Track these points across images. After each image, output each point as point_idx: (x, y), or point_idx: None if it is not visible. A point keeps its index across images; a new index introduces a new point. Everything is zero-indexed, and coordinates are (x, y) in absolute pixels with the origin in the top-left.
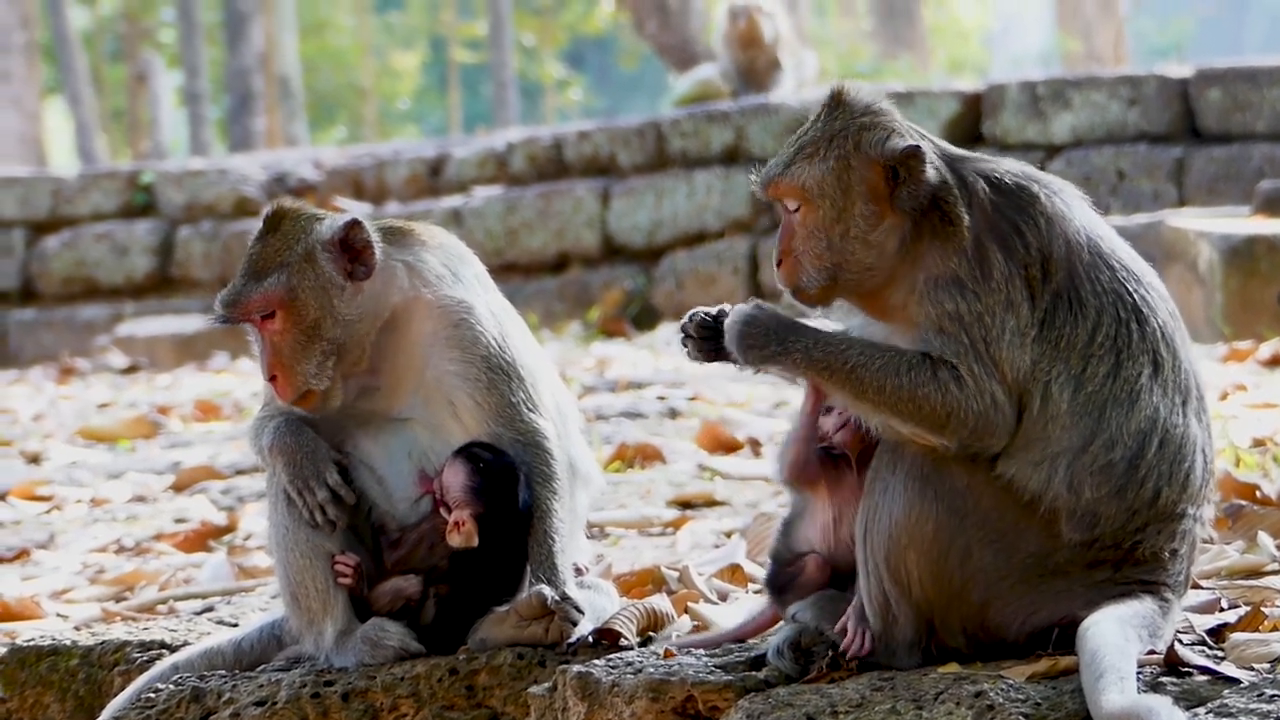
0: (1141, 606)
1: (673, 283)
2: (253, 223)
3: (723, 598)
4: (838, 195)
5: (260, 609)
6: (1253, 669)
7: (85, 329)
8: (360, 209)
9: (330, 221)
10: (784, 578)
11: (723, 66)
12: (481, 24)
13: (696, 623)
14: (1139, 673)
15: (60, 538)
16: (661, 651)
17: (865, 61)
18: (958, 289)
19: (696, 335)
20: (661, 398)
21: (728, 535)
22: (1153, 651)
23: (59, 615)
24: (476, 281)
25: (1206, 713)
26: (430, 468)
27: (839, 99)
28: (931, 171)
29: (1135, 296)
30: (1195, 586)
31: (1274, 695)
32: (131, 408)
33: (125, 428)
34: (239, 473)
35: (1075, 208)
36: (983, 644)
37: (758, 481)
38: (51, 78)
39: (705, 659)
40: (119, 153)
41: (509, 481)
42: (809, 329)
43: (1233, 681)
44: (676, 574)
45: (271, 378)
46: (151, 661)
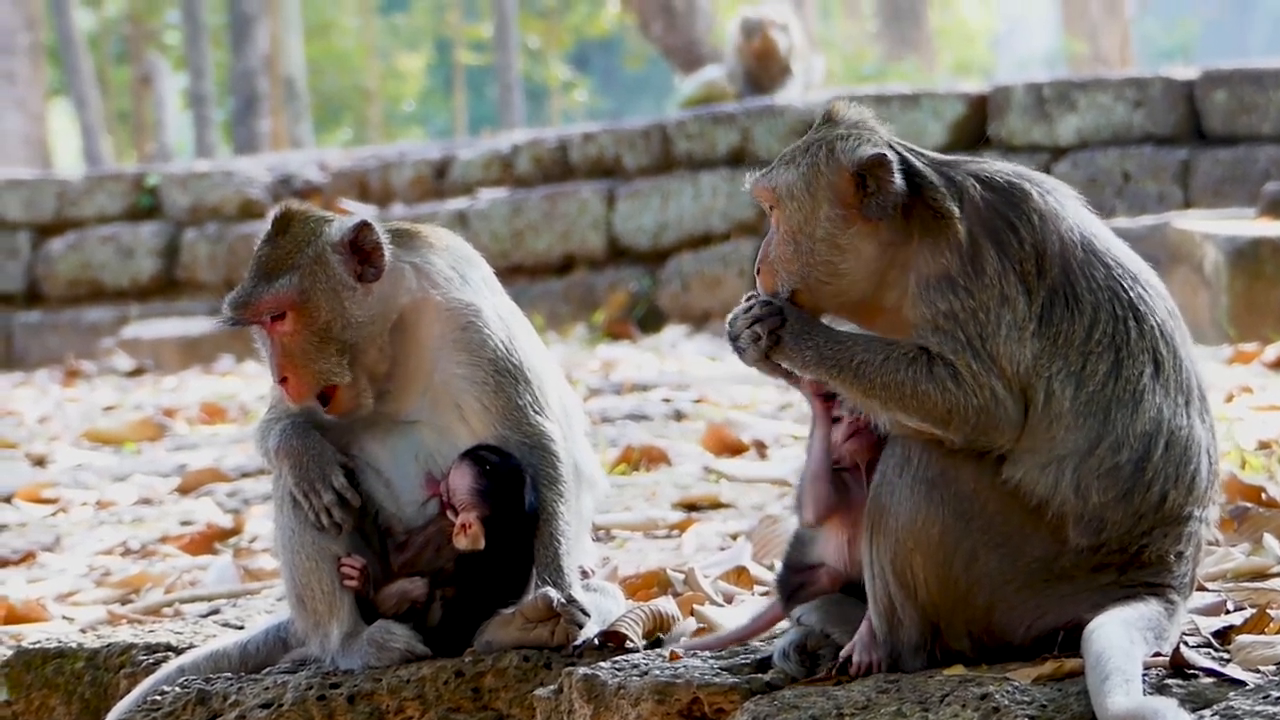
0: (1147, 609)
1: (678, 285)
2: (258, 225)
3: (728, 600)
4: (805, 198)
5: (266, 611)
6: (1258, 671)
7: (90, 331)
8: (366, 211)
9: (340, 223)
10: (794, 584)
11: (730, 69)
12: (486, 26)
13: (702, 625)
14: (1144, 675)
15: (66, 540)
16: (667, 654)
17: (870, 63)
18: (950, 287)
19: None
20: (667, 400)
21: (733, 538)
22: (1158, 654)
23: (65, 618)
24: (484, 284)
25: (1212, 715)
26: (437, 470)
27: (831, 114)
28: (900, 179)
29: (1131, 294)
30: (1200, 589)
31: (1279, 698)
32: (137, 410)
33: (131, 430)
34: (245, 475)
35: (1068, 206)
36: (988, 648)
37: (763, 484)
38: (56, 80)
39: (711, 661)
40: (124, 155)
41: (515, 484)
42: (822, 327)
43: (1238, 684)
44: (682, 576)
45: (282, 380)
46: (157, 664)
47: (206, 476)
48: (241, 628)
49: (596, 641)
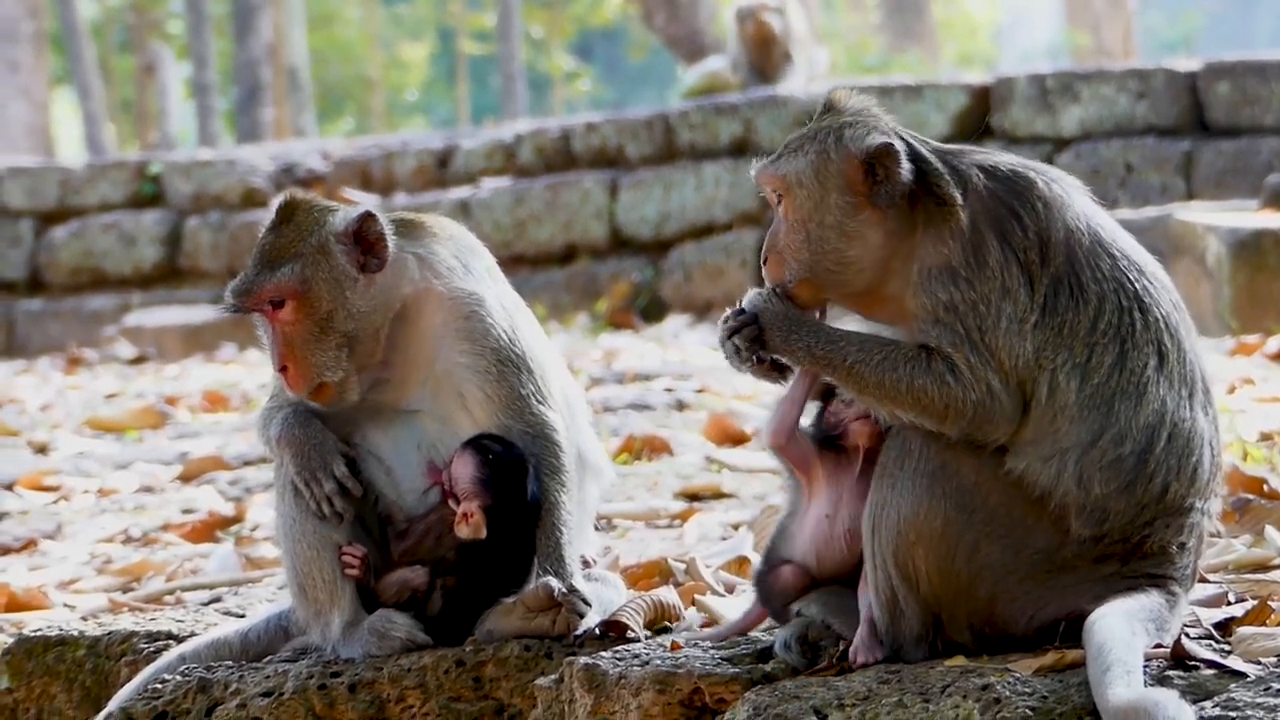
0: (1149, 600)
1: (681, 275)
2: (261, 214)
3: (730, 590)
4: (814, 186)
5: (267, 600)
6: (1259, 663)
7: (93, 319)
8: (369, 200)
9: (344, 213)
10: (764, 585)
11: (732, 58)
12: (490, 15)
13: (704, 615)
14: (1146, 666)
15: (68, 528)
16: (669, 644)
17: (874, 55)
18: (951, 278)
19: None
20: (669, 390)
21: (735, 527)
22: (1159, 645)
23: (66, 605)
24: (487, 274)
25: (1213, 706)
26: (439, 459)
27: (832, 103)
28: (907, 168)
29: (1137, 285)
30: (1202, 580)
31: None
32: (139, 398)
33: (133, 418)
34: (246, 464)
35: (1074, 195)
36: (989, 639)
37: (765, 474)
38: (60, 68)
39: (712, 652)
40: (127, 143)
41: (518, 473)
42: (812, 323)
43: (1239, 675)
44: (684, 566)
45: (282, 369)
46: (158, 652)
47: (208, 465)
48: (243, 616)
49: (598, 631)
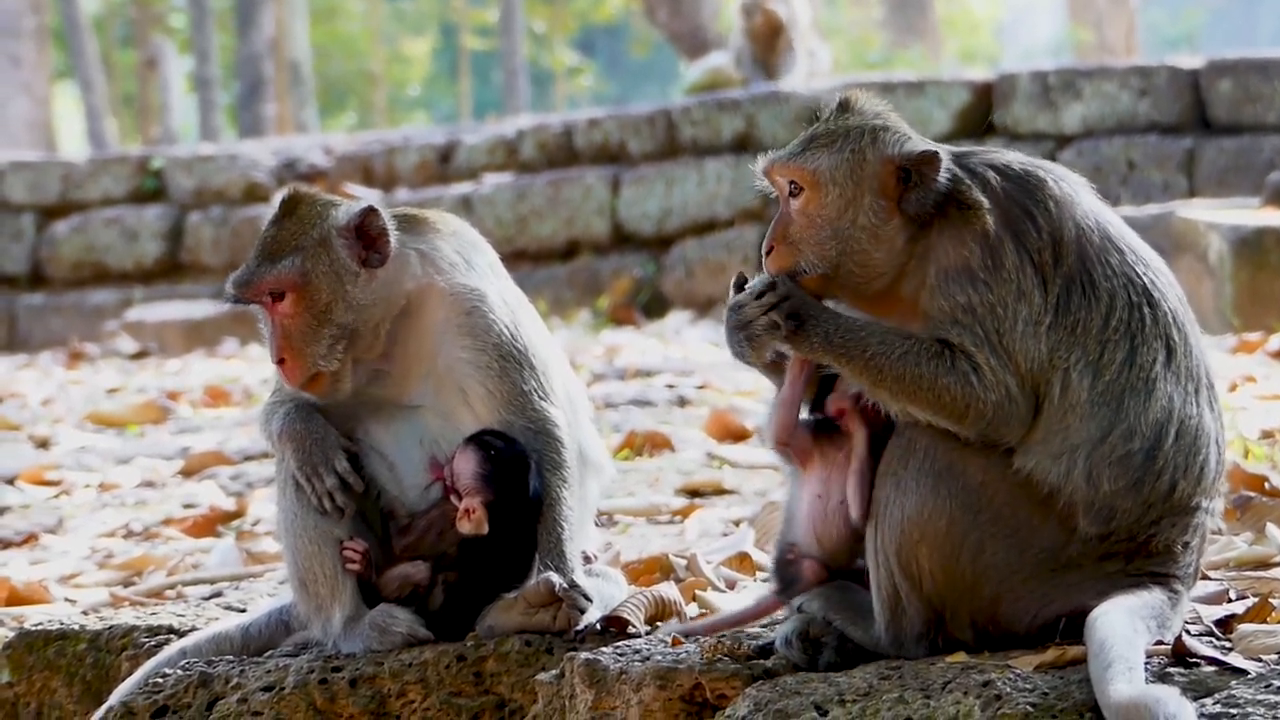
0: (1151, 597)
1: (682, 271)
2: (263, 208)
3: (731, 586)
4: (848, 185)
5: (268, 594)
6: (1260, 660)
7: (94, 314)
8: (371, 196)
9: (346, 208)
10: (784, 575)
11: (736, 52)
12: (492, 11)
13: (704, 610)
14: (1147, 663)
15: (69, 522)
16: (669, 639)
17: (876, 51)
18: (970, 280)
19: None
20: (671, 386)
21: (736, 523)
22: (1161, 642)
23: (67, 600)
24: (489, 269)
25: (1214, 703)
26: (441, 455)
27: (848, 104)
28: (944, 176)
29: (1145, 279)
30: (1203, 578)
31: None
32: (141, 393)
33: (134, 413)
34: (248, 458)
35: (1081, 193)
36: (992, 637)
37: (766, 470)
38: (62, 63)
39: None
40: (129, 138)
41: (519, 469)
42: (830, 311)
43: (1240, 672)
44: (685, 562)
45: (280, 360)
46: (159, 646)
47: (209, 459)
48: (244, 611)
49: (599, 627)
